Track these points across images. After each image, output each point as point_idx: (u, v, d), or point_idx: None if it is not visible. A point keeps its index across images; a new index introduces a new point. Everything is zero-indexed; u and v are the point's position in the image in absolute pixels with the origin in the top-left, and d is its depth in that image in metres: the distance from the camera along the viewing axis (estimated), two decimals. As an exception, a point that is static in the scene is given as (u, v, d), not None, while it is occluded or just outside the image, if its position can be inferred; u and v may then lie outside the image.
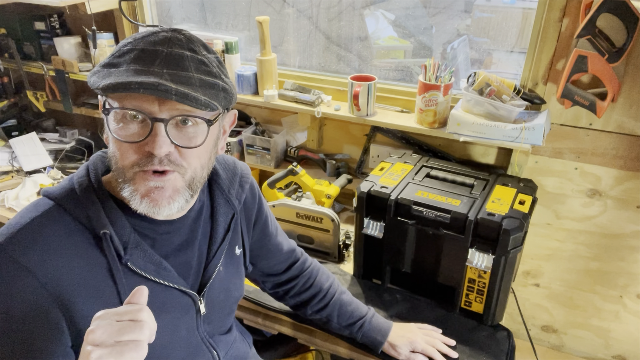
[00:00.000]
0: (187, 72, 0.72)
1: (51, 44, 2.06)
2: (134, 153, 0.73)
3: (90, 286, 0.76)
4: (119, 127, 0.73)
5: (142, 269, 0.81)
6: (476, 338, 1.24)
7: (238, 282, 1.04)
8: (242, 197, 0.99)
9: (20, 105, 2.28)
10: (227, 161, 1.01)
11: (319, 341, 1.29)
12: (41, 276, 0.72)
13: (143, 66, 0.70)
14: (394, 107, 1.64)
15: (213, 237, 0.93)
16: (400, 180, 1.34)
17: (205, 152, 0.79)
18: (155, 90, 0.67)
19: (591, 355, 1.78)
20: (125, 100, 0.71)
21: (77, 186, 0.79)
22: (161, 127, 0.71)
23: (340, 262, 1.51)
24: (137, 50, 0.72)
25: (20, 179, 1.91)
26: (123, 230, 0.79)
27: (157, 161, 0.73)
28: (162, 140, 0.71)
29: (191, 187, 0.79)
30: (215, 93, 0.75)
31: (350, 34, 1.81)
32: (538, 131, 1.35)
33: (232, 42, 1.77)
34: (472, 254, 1.19)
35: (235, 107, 1.93)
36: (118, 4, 1.87)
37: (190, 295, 0.89)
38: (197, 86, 0.72)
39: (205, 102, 0.71)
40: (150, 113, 0.71)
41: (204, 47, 0.77)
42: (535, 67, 1.42)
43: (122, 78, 0.68)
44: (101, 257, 0.77)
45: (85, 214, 0.77)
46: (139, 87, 0.67)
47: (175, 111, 0.72)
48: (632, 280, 1.59)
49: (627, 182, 1.46)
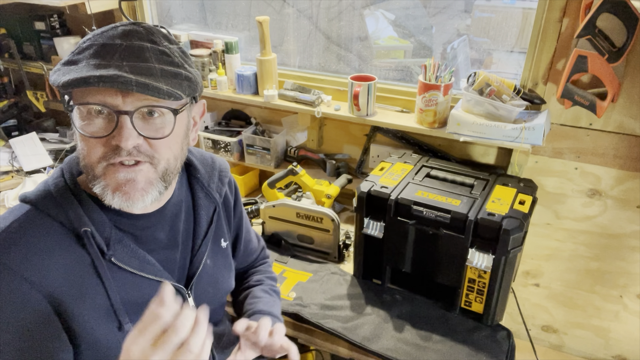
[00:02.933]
0: (148, 63, 0.72)
1: (51, 44, 2.06)
2: (101, 147, 0.73)
3: (77, 284, 0.76)
4: (85, 123, 0.72)
5: (127, 264, 0.80)
6: (476, 338, 1.24)
7: (227, 275, 1.05)
8: (222, 191, 1.00)
9: (20, 105, 2.28)
10: (205, 156, 1.02)
11: (319, 341, 1.29)
12: (28, 275, 0.72)
13: (102, 60, 0.70)
14: (394, 107, 1.64)
15: (196, 231, 0.94)
16: (400, 180, 1.34)
17: (175, 142, 0.78)
18: (114, 82, 0.67)
19: (591, 355, 1.78)
20: (89, 96, 0.71)
21: (53, 187, 0.78)
22: (126, 119, 0.71)
23: (340, 262, 1.51)
24: (96, 45, 0.71)
25: (20, 179, 1.91)
26: (103, 227, 0.78)
27: (125, 153, 0.72)
28: (129, 132, 0.71)
29: (164, 179, 0.79)
30: (179, 82, 0.74)
31: (350, 34, 1.81)
32: (538, 131, 1.35)
33: (232, 42, 1.77)
34: (472, 254, 1.19)
35: (235, 107, 1.95)
36: (118, 4, 1.87)
37: (178, 289, 0.90)
38: (159, 76, 0.72)
39: (168, 92, 0.71)
40: (115, 106, 0.71)
41: (165, 38, 0.77)
42: (535, 67, 1.42)
43: (81, 73, 0.68)
44: (84, 255, 0.77)
45: (64, 214, 0.76)
46: (98, 80, 0.66)
47: (139, 102, 0.72)
48: (632, 280, 1.59)
49: (627, 182, 1.46)
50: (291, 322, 1.31)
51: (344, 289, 1.39)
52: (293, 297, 1.35)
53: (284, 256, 1.53)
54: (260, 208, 1.57)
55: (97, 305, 0.78)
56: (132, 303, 0.81)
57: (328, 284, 1.40)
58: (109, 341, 0.79)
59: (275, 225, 1.56)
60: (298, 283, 1.41)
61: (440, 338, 1.24)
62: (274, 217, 1.54)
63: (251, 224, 1.66)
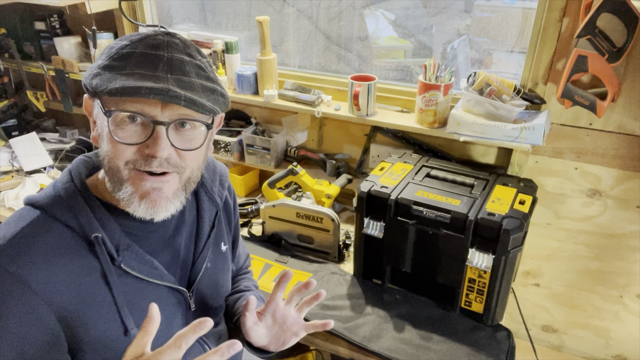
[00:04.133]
0: (190, 78, 0.73)
1: (51, 44, 2.06)
2: (131, 153, 0.73)
3: (84, 291, 0.76)
4: (118, 128, 0.72)
5: (135, 269, 0.80)
6: (476, 338, 1.24)
7: (225, 278, 1.05)
8: (223, 194, 1.01)
9: (20, 105, 2.28)
10: (207, 161, 1.02)
11: (319, 341, 1.29)
12: (35, 285, 0.71)
13: (147, 70, 0.71)
14: (394, 107, 1.64)
15: (199, 233, 0.94)
16: (400, 180, 1.34)
17: (202, 154, 0.80)
18: (165, 96, 0.68)
19: (591, 355, 1.78)
20: (127, 103, 0.71)
21: (63, 192, 0.78)
22: (162, 130, 0.72)
23: (340, 262, 1.51)
24: (138, 53, 0.72)
25: (20, 179, 1.91)
26: (113, 233, 0.78)
27: (157, 163, 0.73)
28: (164, 143, 0.72)
29: (186, 188, 0.80)
30: (216, 98, 0.76)
31: (350, 34, 1.81)
32: (538, 131, 1.35)
33: (232, 42, 1.77)
34: (472, 253, 1.19)
35: (235, 107, 1.95)
36: (118, 4, 1.87)
37: (181, 292, 0.90)
38: (200, 92, 0.73)
39: (210, 108, 0.73)
40: (153, 116, 0.72)
41: (197, 51, 0.78)
42: (535, 67, 1.42)
43: (131, 82, 0.69)
44: (94, 261, 0.77)
45: (75, 219, 0.76)
46: (149, 92, 0.68)
47: (175, 114, 0.73)
48: (632, 280, 1.59)
49: (627, 182, 1.46)
50: (291, 322, 1.31)
51: (344, 289, 1.39)
52: (293, 297, 1.35)
53: (284, 256, 1.53)
54: (260, 208, 1.57)
55: (104, 310, 0.78)
56: (138, 307, 0.81)
57: (328, 284, 1.40)
58: (115, 346, 0.79)
59: (275, 225, 1.56)
60: (298, 283, 1.41)
61: (440, 338, 1.24)
62: (274, 217, 1.54)
63: (251, 224, 1.67)
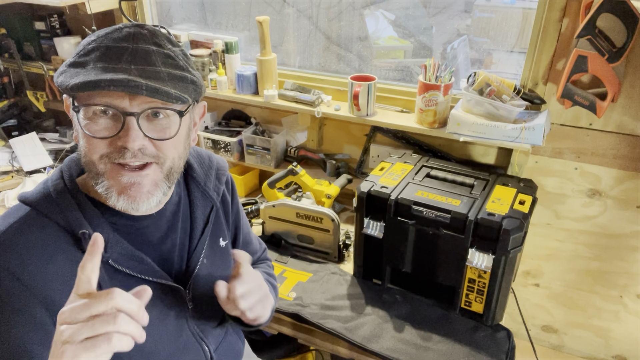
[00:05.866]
0: (155, 67, 0.73)
1: (51, 44, 2.06)
2: (105, 147, 0.74)
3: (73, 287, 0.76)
4: (90, 123, 0.73)
5: (123, 266, 0.81)
6: (476, 338, 1.24)
7: (226, 274, 1.03)
8: (220, 189, 1.00)
9: (20, 105, 2.28)
10: (202, 155, 1.02)
11: (319, 341, 1.29)
12: (25, 279, 0.72)
13: (110, 63, 0.71)
14: (394, 107, 1.64)
15: (193, 230, 0.94)
16: (400, 180, 1.34)
17: (179, 142, 0.80)
18: (126, 86, 0.68)
19: (591, 355, 1.78)
20: (96, 98, 0.71)
21: (52, 189, 0.79)
22: (133, 121, 0.72)
23: (340, 262, 1.51)
24: (103, 47, 0.72)
25: (20, 179, 1.91)
26: (101, 230, 0.79)
27: (130, 155, 0.73)
28: (135, 134, 0.72)
29: (169, 178, 0.80)
30: (185, 86, 0.76)
31: (350, 34, 1.81)
32: (538, 131, 1.35)
33: (232, 42, 1.77)
34: (472, 254, 1.19)
35: (235, 107, 1.95)
36: (118, 4, 1.87)
37: (176, 289, 0.90)
38: (167, 80, 0.73)
39: (176, 96, 0.73)
40: (122, 108, 0.72)
41: (168, 40, 0.78)
42: (535, 67, 1.42)
43: (91, 76, 0.69)
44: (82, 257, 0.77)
45: (63, 216, 0.77)
46: (109, 84, 0.68)
47: (145, 104, 0.73)
48: (632, 280, 1.59)
49: (627, 182, 1.46)
50: (291, 322, 1.31)
51: (344, 289, 1.39)
52: (293, 297, 1.35)
53: (284, 256, 1.53)
54: (260, 208, 1.57)
55: None
56: None
57: (328, 284, 1.40)
58: None
59: (275, 225, 1.56)
60: (298, 283, 1.41)
61: (440, 338, 1.24)
62: (274, 217, 1.54)
63: (251, 224, 1.67)
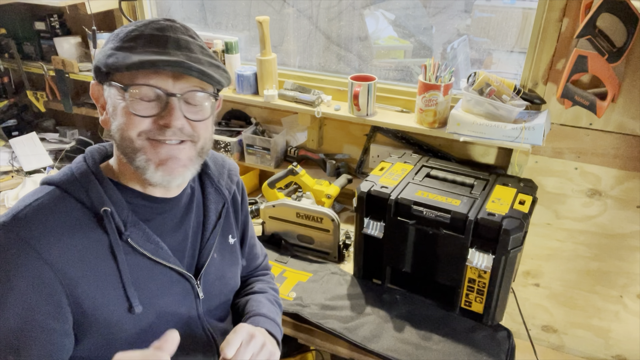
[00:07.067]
0: (196, 54, 0.79)
1: (51, 44, 2.06)
2: (146, 125, 0.78)
3: (91, 263, 0.79)
4: (134, 101, 0.77)
5: (142, 247, 0.83)
6: (476, 338, 1.24)
7: (234, 271, 1.06)
8: (231, 188, 1.04)
9: (20, 105, 2.28)
10: (216, 156, 1.07)
11: (318, 341, 1.29)
12: (44, 253, 0.75)
13: (158, 48, 0.77)
14: (394, 107, 1.64)
15: (205, 223, 0.97)
16: (400, 180, 1.34)
17: (210, 124, 0.86)
18: (180, 67, 0.74)
19: (591, 355, 1.78)
20: (140, 79, 0.76)
21: (76, 171, 0.83)
22: (176, 101, 0.78)
23: (340, 262, 1.51)
24: (147, 35, 0.78)
25: (20, 179, 1.91)
26: (121, 209, 0.82)
27: (171, 132, 0.78)
28: (178, 114, 0.78)
29: (201, 156, 0.85)
30: (221, 73, 0.82)
31: (350, 34, 1.81)
32: (538, 131, 1.35)
33: (232, 42, 1.77)
34: (472, 253, 1.19)
35: (235, 107, 1.95)
36: (118, 4, 1.87)
37: (188, 278, 0.91)
38: (207, 66, 0.79)
39: (218, 80, 0.80)
40: (166, 89, 0.77)
41: (197, 35, 0.85)
42: (535, 67, 1.42)
43: (148, 57, 0.74)
44: (102, 234, 0.80)
45: (86, 194, 0.80)
46: (166, 64, 0.74)
47: (187, 87, 0.79)
48: (632, 280, 1.59)
49: (627, 182, 1.46)
50: (291, 322, 1.31)
51: (344, 289, 1.39)
52: (293, 297, 1.35)
53: (284, 256, 1.53)
54: (260, 208, 1.57)
55: (110, 285, 0.80)
56: (144, 287, 0.84)
57: (328, 284, 1.40)
58: (119, 322, 0.82)
59: (275, 225, 1.56)
60: (298, 283, 1.41)
61: (440, 338, 1.24)
62: (274, 217, 1.54)
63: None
